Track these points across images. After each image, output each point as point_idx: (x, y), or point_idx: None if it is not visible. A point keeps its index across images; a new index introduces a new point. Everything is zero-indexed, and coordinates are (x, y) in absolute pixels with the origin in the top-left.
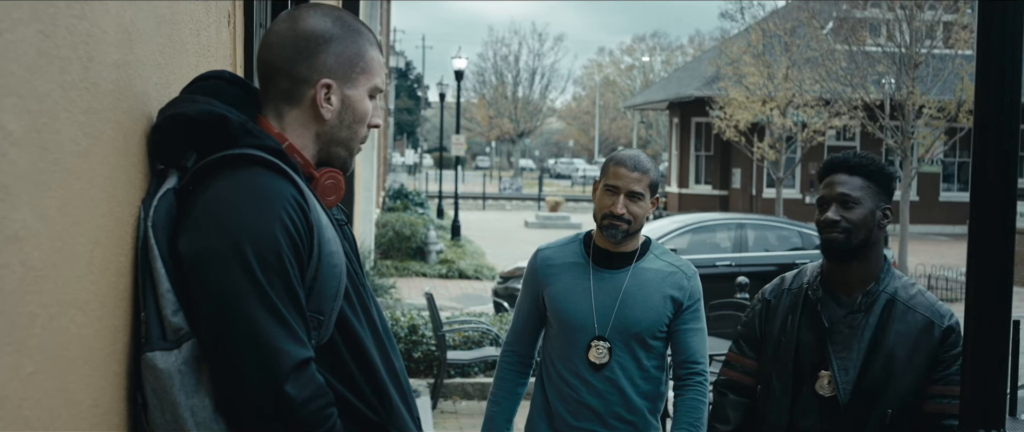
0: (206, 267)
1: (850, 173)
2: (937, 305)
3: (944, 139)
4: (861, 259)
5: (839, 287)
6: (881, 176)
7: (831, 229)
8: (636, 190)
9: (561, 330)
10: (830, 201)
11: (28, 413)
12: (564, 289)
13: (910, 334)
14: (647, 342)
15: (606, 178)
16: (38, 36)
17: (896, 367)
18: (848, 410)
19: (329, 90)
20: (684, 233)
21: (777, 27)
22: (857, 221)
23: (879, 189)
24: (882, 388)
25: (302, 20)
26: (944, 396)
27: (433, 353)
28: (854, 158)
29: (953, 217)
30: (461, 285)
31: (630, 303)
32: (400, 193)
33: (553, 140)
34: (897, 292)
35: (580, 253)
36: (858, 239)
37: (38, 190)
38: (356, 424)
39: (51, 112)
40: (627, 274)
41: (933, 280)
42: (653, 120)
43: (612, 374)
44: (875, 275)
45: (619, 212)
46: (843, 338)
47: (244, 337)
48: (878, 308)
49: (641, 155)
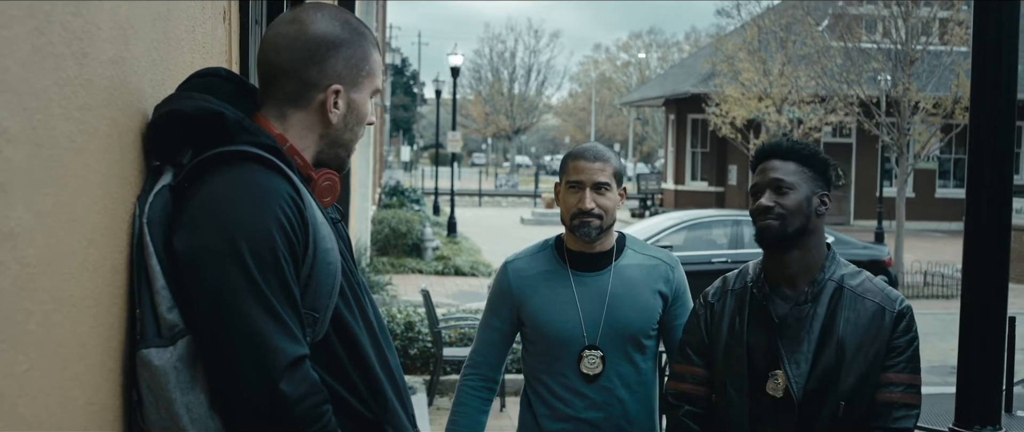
0: (202, 264)
1: (783, 158)
2: (886, 290)
3: (940, 136)
4: (801, 248)
5: (782, 281)
6: (816, 161)
7: (765, 216)
8: (601, 181)
9: (546, 346)
10: (763, 187)
11: (23, 410)
12: (545, 302)
13: (860, 322)
14: (641, 343)
15: (566, 175)
16: (33, 33)
17: (846, 357)
18: (801, 407)
19: (338, 95)
20: (680, 230)
21: (773, 23)
22: (792, 207)
23: (814, 174)
24: (834, 380)
25: (310, 23)
26: (896, 385)
27: (429, 350)
28: (787, 143)
29: (949, 214)
30: (457, 282)
31: (619, 305)
32: (396, 190)
33: (549, 137)
34: (844, 279)
35: (553, 259)
36: (793, 226)
37: (33, 187)
38: (352, 421)
39: (46, 109)
40: (609, 274)
41: (929, 277)
42: (649, 117)
43: (609, 384)
44: (819, 264)
45: (588, 207)
46: (793, 333)
47: (239, 334)
48: (825, 297)
49: (599, 145)
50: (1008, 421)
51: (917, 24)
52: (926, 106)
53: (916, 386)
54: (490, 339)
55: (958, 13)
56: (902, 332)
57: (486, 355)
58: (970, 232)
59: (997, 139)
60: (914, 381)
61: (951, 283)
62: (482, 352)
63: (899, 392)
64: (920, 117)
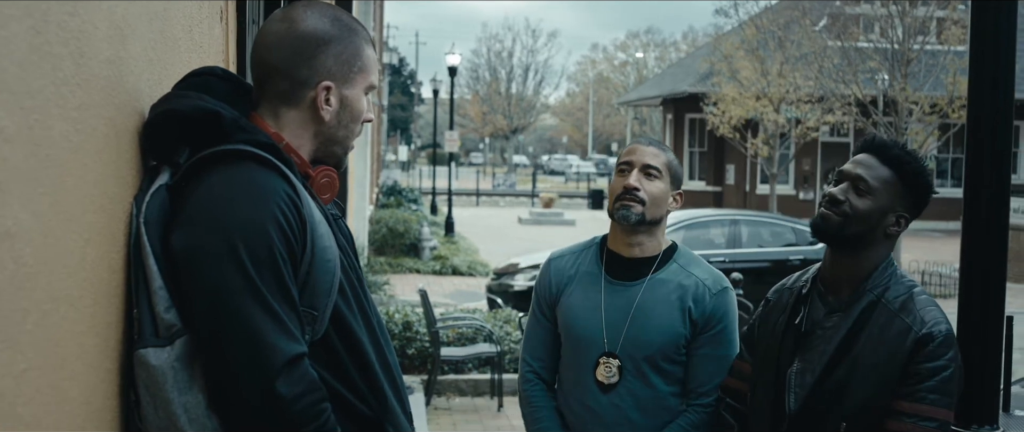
0: (199, 263)
1: (882, 161)
2: (926, 311)
3: (937, 135)
4: (853, 256)
5: (829, 285)
6: (913, 180)
7: (831, 206)
8: (651, 164)
9: (571, 347)
10: (845, 178)
11: (21, 410)
12: (575, 303)
13: (882, 340)
14: (661, 366)
15: (619, 159)
16: (30, 32)
17: (857, 375)
18: (797, 420)
19: (329, 91)
20: (678, 229)
21: (771, 23)
22: (861, 211)
23: (904, 191)
24: (838, 397)
25: (300, 20)
26: (909, 415)
27: (427, 350)
28: (894, 148)
29: (946, 213)
30: (455, 282)
31: (641, 320)
32: (394, 190)
33: (547, 136)
34: (886, 294)
35: (595, 261)
36: (853, 230)
37: (30, 186)
38: (351, 419)
39: (43, 108)
40: (642, 286)
41: (926, 276)
42: (647, 116)
43: (621, 402)
44: (868, 274)
45: (632, 184)
46: (816, 341)
47: (236, 333)
48: (857, 310)
49: (659, 142)
50: (1006, 420)
51: (914, 24)
52: (923, 106)
53: (937, 421)
54: (539, 336)
55: (955, 12)
56: (925, 358)
57: (541, 356)
58: (968, 231)
59: (995, 138)
60: (935, 415)
61: (949, 282)
62: (536, 352)
63: (910, 424)
64: (917, 117)
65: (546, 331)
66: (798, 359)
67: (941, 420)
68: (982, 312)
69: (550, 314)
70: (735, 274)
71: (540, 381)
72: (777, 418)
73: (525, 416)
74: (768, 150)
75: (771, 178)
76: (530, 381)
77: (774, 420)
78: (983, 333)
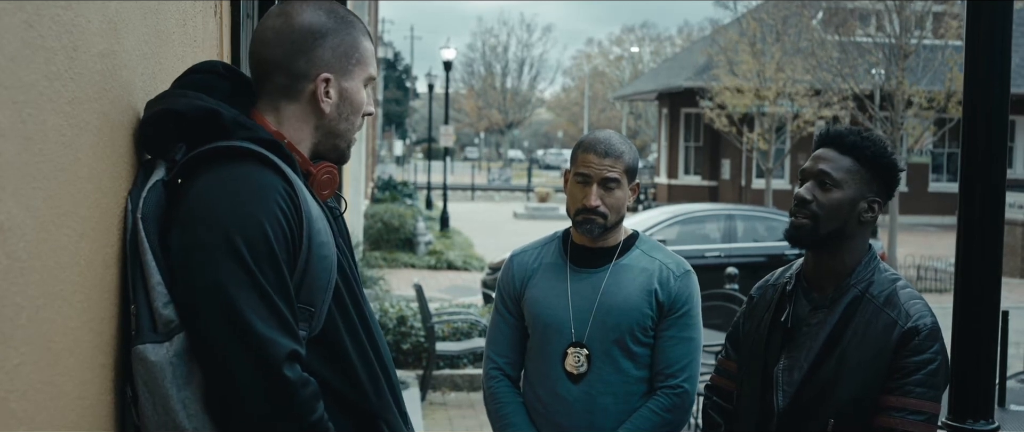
0: (198, 260)
1: (841, 151)
2: (911, 304)
3: (933, 130)
4: (832, 252)
5: (812, 282)
6: (877, 164)
7: (799, 210)
8: (610, 177)
9: (535, 339)
10: (809, 177)
11: (14, 406)
12: (540, 294)
13: (868, 336)
14: (629, 348)
15: (576, 166)
16: (23, 26)
17: (845, 371)
18: (786, 417)
19: (328, 84)
20: (673, 224)
21: (769, 16)
22: (830, 207)
23: (871, 176)
24: (826, 393)
25: (296, 15)
26: (897, 410)
27: (422, 344)
28: (850, 136)
29: (942, 208)
30: (450, 276)
31: (608, 303)
32: (388, 184)
33: (542, 131)
34: (871, 288)
35: (558, 253)
36: (827, 228)
37: (23, 181)
38: (346, 413)
39: (36, 102)
40: (606, 272)
41: (922, 271)
42: (642, 111)
43: (592, 389)
44: (851, 269)
45: (593, 204)
46: (802, 338)
47: (237, 328)
48: (841, 305)
49: (613, 137)
50: (1001, 415)
51: (911, 18)
52: (920, 100)
53: (924, 414)
54: (504, 333)
55: (952, 7)
56: (912, 352)
57: (505, 352)
58: (963, 226)
59: (990, 133)
60: (921, 408)
61: (944, 277)
62: (500, 349)
63: (898, 418)
64: (914, 111)
65: (511, 327)
66: (785, 356)
67: (929, 413)
68: (978, 307)
69: (515, 309)
70: (730, 269)
71: (505, 377)
72: (765, 415)
73: (491, 413)
74: (764, 144)
75: (767, 173)
76: (495, 378)
77: (762, 418)
78: (978, 328)
